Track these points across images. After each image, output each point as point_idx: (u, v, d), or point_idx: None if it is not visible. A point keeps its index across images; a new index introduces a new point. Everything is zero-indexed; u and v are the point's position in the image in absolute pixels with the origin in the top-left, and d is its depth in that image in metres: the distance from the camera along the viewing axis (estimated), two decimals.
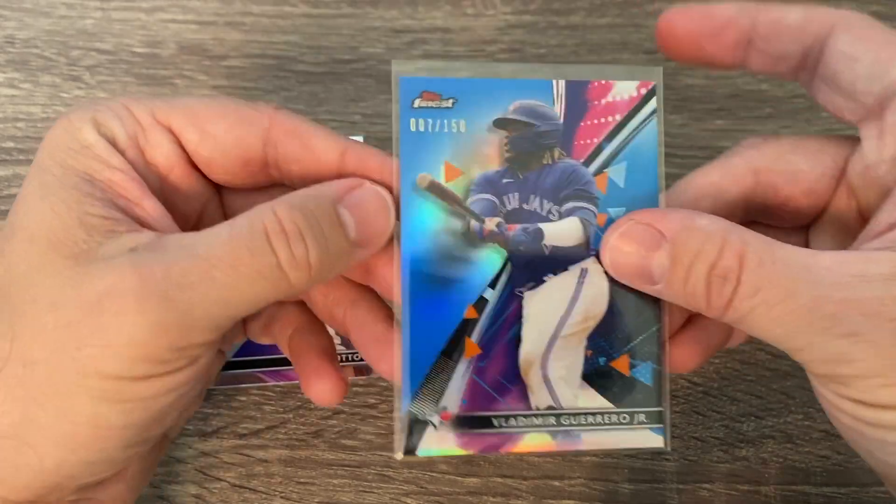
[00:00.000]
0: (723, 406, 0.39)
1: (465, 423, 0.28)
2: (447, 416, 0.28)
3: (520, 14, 0.45)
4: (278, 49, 0.44)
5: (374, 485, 0.38)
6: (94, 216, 0.25)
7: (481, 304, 0.28)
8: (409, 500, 0.38)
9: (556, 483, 0.38)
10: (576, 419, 0.28)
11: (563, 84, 0.28)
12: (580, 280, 0.28)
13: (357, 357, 0.37)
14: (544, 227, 0.28)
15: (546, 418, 0.28)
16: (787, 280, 0.24)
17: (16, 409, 0.24)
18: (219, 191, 0.30)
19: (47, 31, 0.44)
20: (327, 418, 0.38)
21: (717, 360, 0.40)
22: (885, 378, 0.24)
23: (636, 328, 0.28)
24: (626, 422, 0.28)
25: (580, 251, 0.28)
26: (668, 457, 0.39)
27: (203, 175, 0.29)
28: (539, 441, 0.28)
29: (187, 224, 0.29)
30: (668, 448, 0.28)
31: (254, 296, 0.25)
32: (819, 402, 0.28)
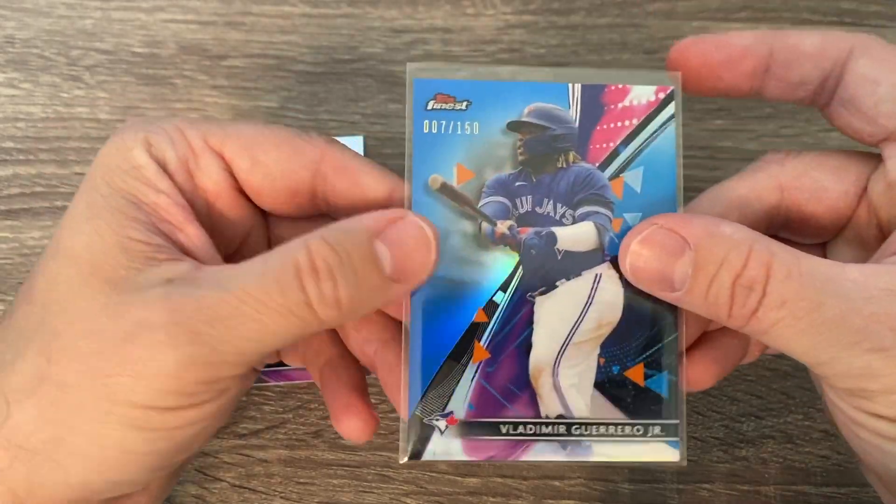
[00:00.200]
0: (723, 406, 0.39)
1: (472, 429, 0.27)
2: (453, 421, 0.27)
3: (520, 14, 0.44)
4: (278, 49, 0.43)
5: (373, 485, 0.37)
6: (136, 241, 0.25)
7: (491, 307, 0.27)
8: (408, 500, 0.37)
9: (556, 483, 0.38)
10: (587, 429, 0.27)
11: (579, 88, 0.28)
12: (594, 286, 0.27)
13: None
14: (557, 231, 0.27)
15: (556, 427, 0.27)
16: (815, 292, 0.24)
17: (48, 427, 0.24)
18: (266, 218, 0.30)
19: (47, 31, 0.44)
20: (327, 418, 0.38)
21: None
22: None
23: (652, 337, 0.27)
24: (639, 434, 0.27)
25: (594, 256, 0.27)
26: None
27: (250, 202, 0.29)
28: (548, 450, 0.27)
29: (231, 248, 0.29)
30: (684, 463, 0.27)
31: (284, 332, 0.24)
32: (827, 412, 0.28)
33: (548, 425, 0.27)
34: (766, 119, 0.43)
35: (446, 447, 0.27)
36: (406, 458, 0.27)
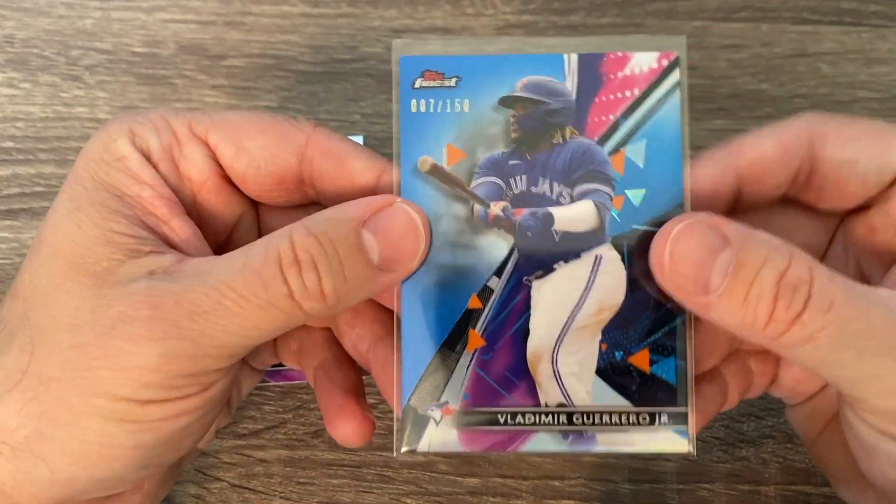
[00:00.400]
0: None
1: (469, 419, 0.26)
2: (449, 411, 0.26)
3: (520, 14, 0.44)
4: (278, 49, 0.43)
5: (373, 485, 0.37)
6: (119, 234, 0.24)
7: (486, 293, 0.26)
8: (408, 501, 0.36)
9: (556, 483, 0.37)
10: (589, 418, 0.26)
11: (576, 58, 0.26)
12: (594, 268, 0.26)
13: None
14: (555, 211, 0.26)
15: (556, 416, 0.26)
16: (859, 298, 0.22)
17: (30, 422, 0.23)
18: (256, 207, 0.29)
19: (47, 31, 0.43)
20: None
21: None
22: None
23: (657, 320, 0.26)
24: (645, 423, 0.26)
25: (594, 237, 0.26)
26: (667, 457, 0.38)
27: (239, 190, 0.28)
28: (549, 441, 0.26)
29: (221, 238, 0.28)
30: (693, 453, 0.26)
31: (266, 325, 0.23)
32: (819, 451, 0.28)
33: (548, 414, 0.26)
34: (765, 119, 0.42)
35: (442, 438, 0.26)
36: (402, 451, 0.26)
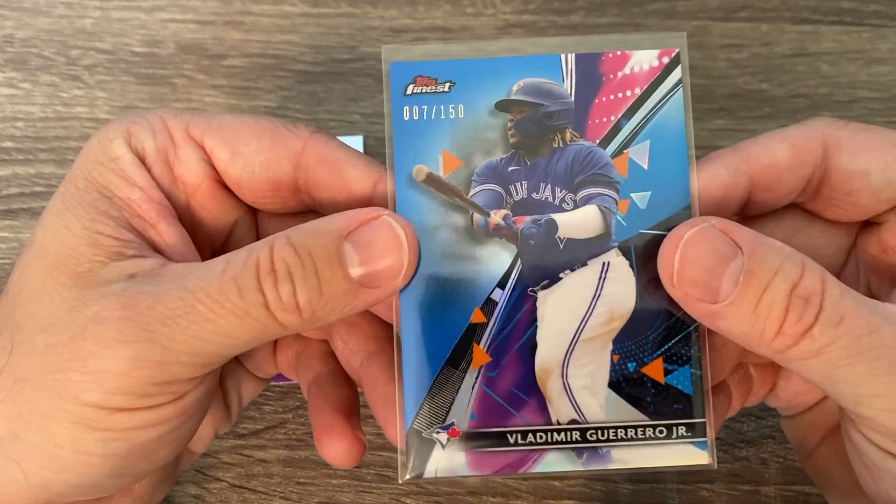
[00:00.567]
0: None
1: (477, 440, 0.24)
2: (455, 433, 0.24)
3: (519, 13, 0.43)
4: (277, 48, 0.42)
5: (373, 485, 0.36)
6: (104, 236, 0.23)
7: (489, 306, 0.25)
8: (408, 501, 0.36)
9: (556, 483, 0.36)
10: (603, 434, 0.24)
11: (573, 58, 0.25)
12: (602, 276, 0.25)
13: None
14: (558, 217, 0.25)
15: (569, 434, 0.24)
16: (870, 313, 0.21)
17: (4, 424, 0.23)
18: (254, 213, 0.29)
19: (46, 31, 0.42)
20: None
21: None
22: None
23: (670, 328, 0.24)
24: (662, 436, 0.24)
25: (600, 243, 0.25)
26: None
27: (234, 196, 0.27)
28: (562, 460, 0.24)
29: (216, 243, 0.28)
30: (714, 465, 0.24)
31: (241, 334, 0.22)
32: (816, 468, 0.27)
33: (560, 432, 0.24)
34: (765, 119, 0.41)
35: (449, 463, 0.24)
36: (406, 478, 0.24)
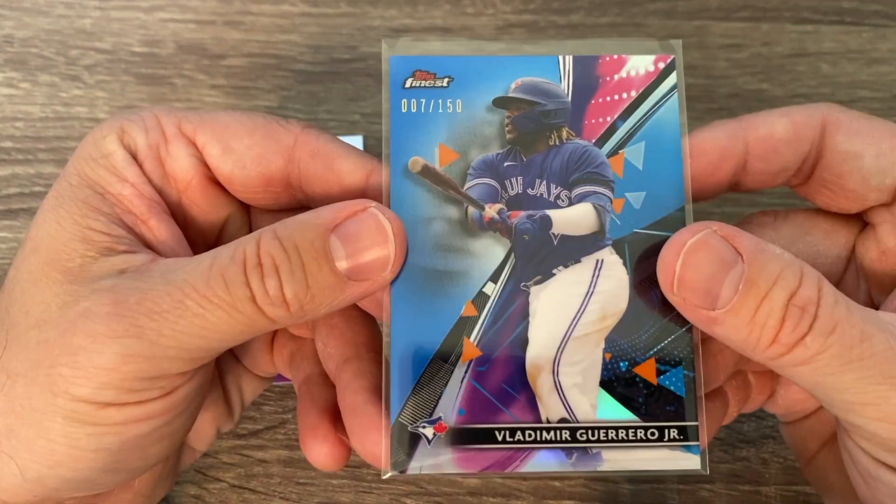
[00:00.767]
0: None
1: (464, 436, 0.24)
2: (442, 428, 0.24)
3: (520, 13, 0.43)
4: (277, 48, 0.42)
5: (373, 485, 0.36)
6: (95, 231, 0.24)
7: (481, 299, 0.24)
8: (408, 501, 0.35)
9: (557, 483, 0.36)
10: (594, 434, 0.24)
11: (571, 60, 0.25)
12: (595, 273, 0.24)
13: None
14: (552, 213, 0.25)
15: (558, 433, 0.24)
16: (863, 322, 0.21)
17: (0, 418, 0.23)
18: (247, 209, 0.29)
19: (46, 31, 0.42)
20: None
21: None
22: None
23: (664, 328, 0.24)
24: (654, 438, 0.24)
25: (595, 241, 0.24)
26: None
27: (226, 192, 0.27)
28: (551, 460, 0.24)
29: (208, 239, 0.28)
30: (706, 471, 0.24)
31: (229, 328, 0.22)
32: (815, 473, 0.27)
33: (549, 431, 0.24)
34: None
35: (435, 459, 0.24)
36: (389, 474, 0.24)
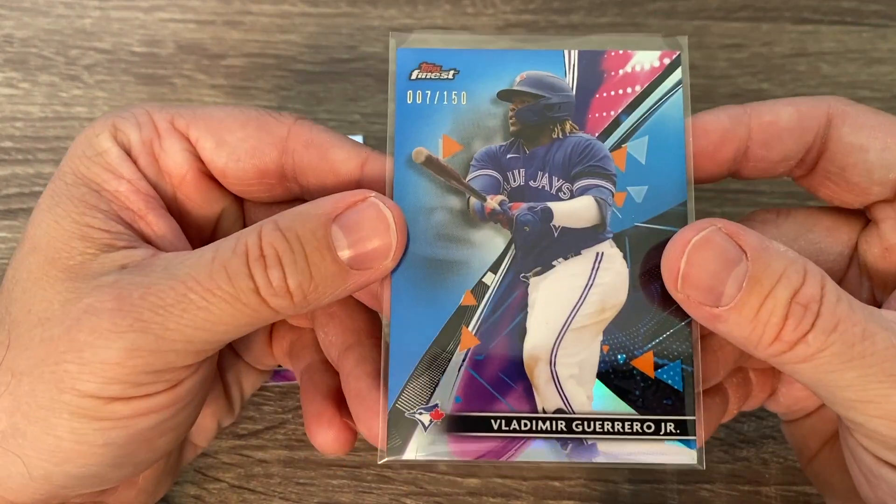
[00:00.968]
0: None
1: (460, 424, 0.24)
2: (438, 415, 0.24)
3: (520, 13, 0.43)
4: (277, 48, 0.42)
5: (373, 485, 0.36)
6: (94, 228, 0.24)
7: (481, 289, 0.24)
8: (408, 501, 0.35)
9: (556, 484, 0.36)
10: (590, 426, 0.24)
11: (576, 54, 0.25)
12: (595, 265, 0.24)
13: None
14: (554, 206, 0.25)
15: (554, 423, 0.24)
16: (865, 320, 0.21)
17: (5, 417, 0.23)
18: (241, 203, 0.29)
19: (46, 31, 0.42)
20: None
21: None
22: None
23: (663, 322, 0.24)
24: (650, 431, 0.24)
25: (595, 233, 0.25)
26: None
27: (220, 185, 0.27)
28: (546, 450, 0.24)
29: (204, 233, 0.28)
30: (702, 466, 0.24)
31: (233, 320, 0.23)
32: (815, 470, 0.27)
33: (545, 421, 0.24)
34: None
35: (431, 445, 0.24)
36: (385, 458, 0.24)
